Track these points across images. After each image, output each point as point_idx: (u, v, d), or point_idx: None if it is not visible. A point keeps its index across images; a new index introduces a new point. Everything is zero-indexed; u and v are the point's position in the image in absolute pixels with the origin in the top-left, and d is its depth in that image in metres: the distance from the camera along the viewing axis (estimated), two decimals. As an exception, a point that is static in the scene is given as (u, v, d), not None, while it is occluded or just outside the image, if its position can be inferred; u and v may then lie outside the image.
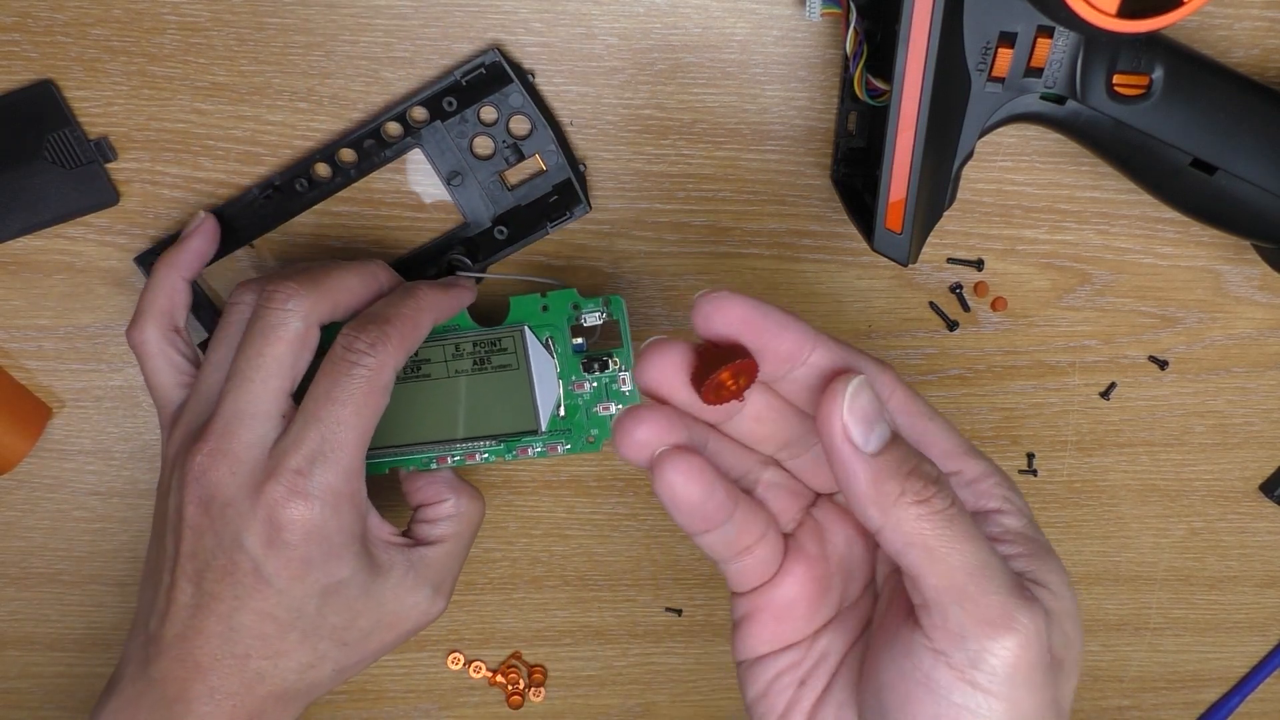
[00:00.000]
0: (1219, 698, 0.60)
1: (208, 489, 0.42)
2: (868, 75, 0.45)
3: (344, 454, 0.42)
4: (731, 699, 0.59)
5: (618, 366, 0.47)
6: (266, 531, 0.42)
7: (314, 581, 0.42)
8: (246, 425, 0.42)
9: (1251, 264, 0.52)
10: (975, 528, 0.33)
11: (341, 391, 0.42)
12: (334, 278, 0.44)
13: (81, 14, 0.46)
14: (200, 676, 0.42)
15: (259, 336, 0.43)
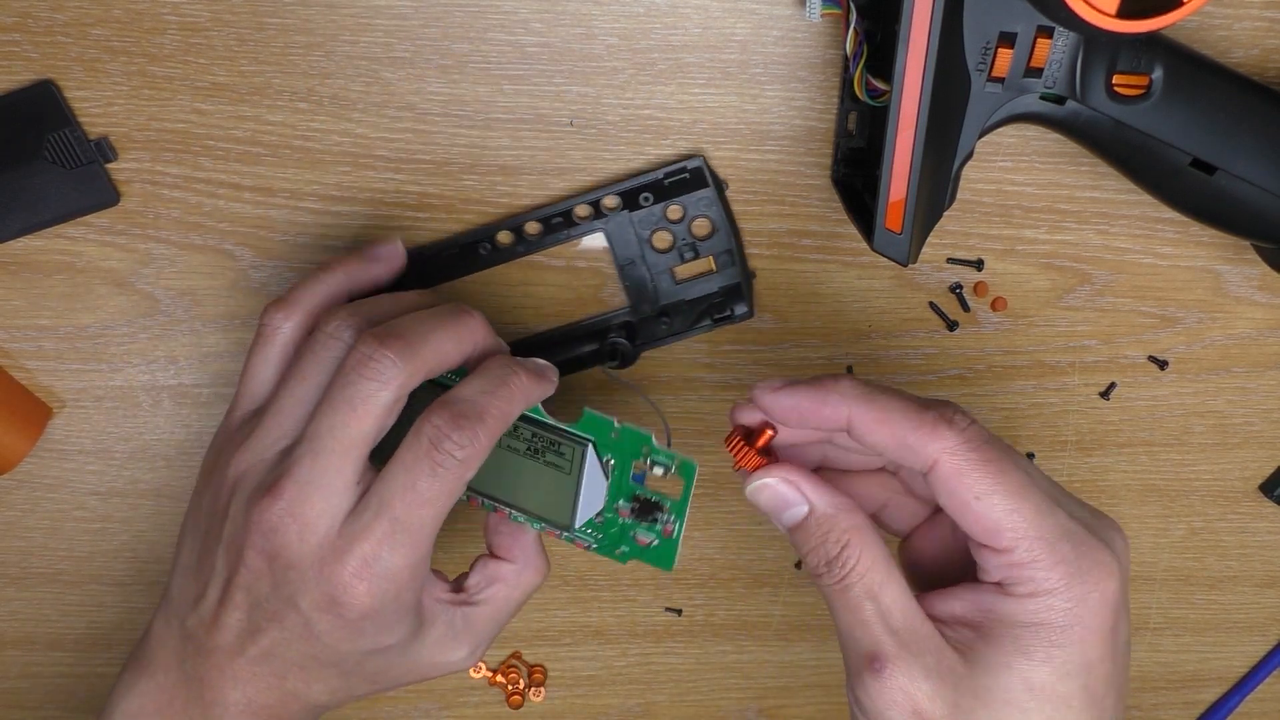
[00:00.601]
0: (1219, 698, 0.60)
1: (275, 546, 0.41)
2: (868, 75, 0.45)
3: (416, 543, 0.41)
4: (731, 699, 0.59)
5: (667, 518, 0.45)
6: (325, 602, 0.41)
7: (359, 645, 0.42)
8: (322, 494, 0.41)
9: (1251, 264, 0.52)
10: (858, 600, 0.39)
11: (425, 488, 0.40)
12: (431, 344, 0.42)
13: (82, 14, 0.46)
14: (237, 686, 0.42)
15: (346, 404, 0.41)
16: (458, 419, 0.41)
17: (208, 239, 0.50)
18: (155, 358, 0.52)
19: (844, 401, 0.39)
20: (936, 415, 0.38)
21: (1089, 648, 0.38)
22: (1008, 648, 0.38)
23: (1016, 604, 0.38)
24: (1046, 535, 0.38)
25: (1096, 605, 0.38)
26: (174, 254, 0.50)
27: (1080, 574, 0.38)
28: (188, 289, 0.51)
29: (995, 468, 0.38)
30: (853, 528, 0.39)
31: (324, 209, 0.49)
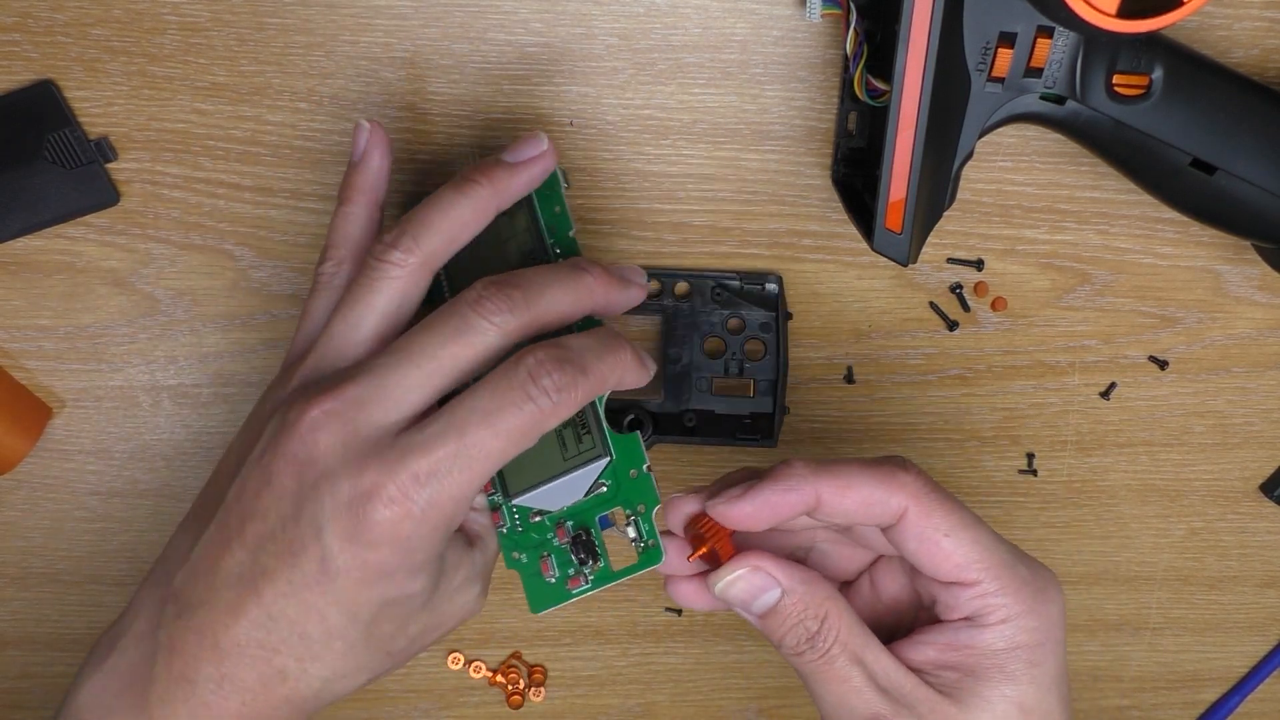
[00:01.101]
0: (1218, 698, 0.60)
1: (309, 450, 0.37)
2: (868, 75, 0.45)
3: (468, 479, 0.38)
4: (731, 699, 0.59)
5: (587, 574, 0.43)
6: (351, 524, 0.37)
7: (380, 592, 0.38)
8: (382, 405, 0.38)
9: (1251, 264, 0.52)
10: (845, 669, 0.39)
11: (504, 421, 0.37)
12: (547, 298, 0.40)
13: (82, 14, 0.46)
14: (215, 659, 0.38)
15: (452, 332, 0.38)
16: (563, 363, 0.38)
17: (208, 239, 0.50)
18: (155, 358, 0.52)
19: (805, 484, 0.39)
20: (890, 466, 0.39)
21: (1058, 659, 0.40)
22: (995, 677, 0.39)
23: (993, 632, 0.39)
24: (1006, 562, 0.40)
25: (1056, 617, 0.40)
26: (174, 254, 0.50)
27: (1039, 591, 0.40)
28: (188, 289, 0.51)
29: (952, 505, 0.40)
30: (827, 598, 0.40)
31: (324, 209, 0.49)
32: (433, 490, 0.37)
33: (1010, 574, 0.39)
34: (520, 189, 0.42)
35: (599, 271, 0.41)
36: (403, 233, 0.40)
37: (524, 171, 0.42)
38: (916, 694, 0.39)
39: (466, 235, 0.41)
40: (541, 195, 0.44)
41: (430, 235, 0.40)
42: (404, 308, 0.41)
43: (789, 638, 0.40)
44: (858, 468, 0.40)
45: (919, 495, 0.39)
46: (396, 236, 0.40)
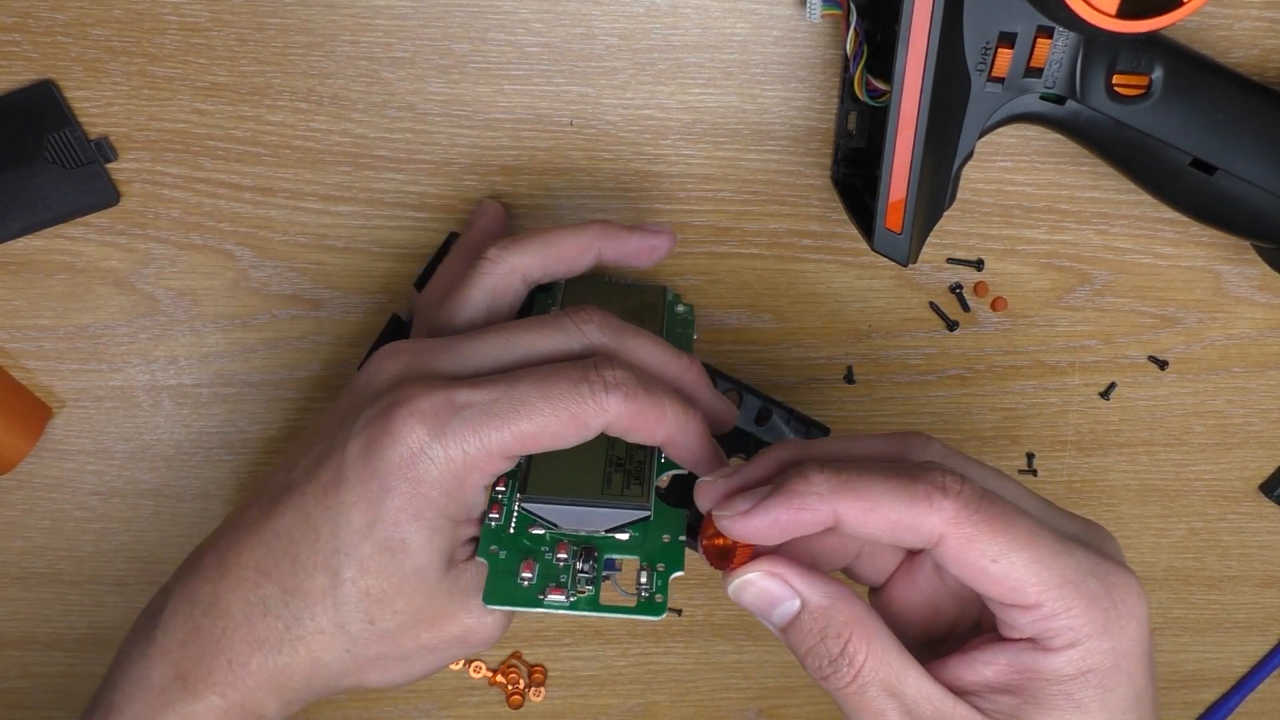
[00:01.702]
0: (1219, 698, 0.60)
1: (371, 376, 0.39)
2: (868, 76, 0.45)
3: (503, 429, 0.37)
4: (731, 699, 0.59)
5: (571, 592, 0.40)
6: (375, 432, 0.37)
7: (376, 519, 0.37)
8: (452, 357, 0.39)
9: (1251, 264, 0.52)
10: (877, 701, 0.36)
11: (555, 389, 0.37)
12: (644, 346, 0.41)
13: (82, 14, 0.46)
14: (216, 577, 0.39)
15: (541, 324, 0.40)
16: (633, 372, 0.38)
17: (208, 239, 0.50)
18: (155, 358, 0.52)
19: (824, 501, 0.35)
20: (927, 486, 0.35)
21: (1136, 680, 0.36)
22: (1060, 705, 0.35)
23: (1058, 657, 0.35)
24: (1071, 577, 0.35)
25: (1135, 633, 0.36)
26: (174, 254, 0.50)
27: (1113, 607, 0.35)
28: (188, 289, 0.51)
29: (1001, 524, 0.35)
30: (852, 618, 0.36)
31: (324, 209, 0.49)
32: (463, 422, 0.37)
33: (1077, 591, 0.35)
34: (629, 250, 0.44)
35: (697, 364, 0.42)
36: (508, 238, 0.43)
37: (637, 236, 0.45)
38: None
39: (566, 260, 0.44)
40: (672, 334, 0.47)
41: (528, 245, 0.43)
42: (496, 301, 0.43)
43: (810, 659, 0.36)
44: (886, 485, 0.35)
45: (959, 520, 0.34)
46: (502, 239, 0.43)
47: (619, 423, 0.38)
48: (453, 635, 0.40)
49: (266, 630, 0.38)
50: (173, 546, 0.55)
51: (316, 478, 0.38)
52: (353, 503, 0.37)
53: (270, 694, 0.39)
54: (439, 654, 0.41)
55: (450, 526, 0.39)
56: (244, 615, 0.38)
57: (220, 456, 0.53)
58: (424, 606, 0.39)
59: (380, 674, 0.41)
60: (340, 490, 0.38)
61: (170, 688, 0.39)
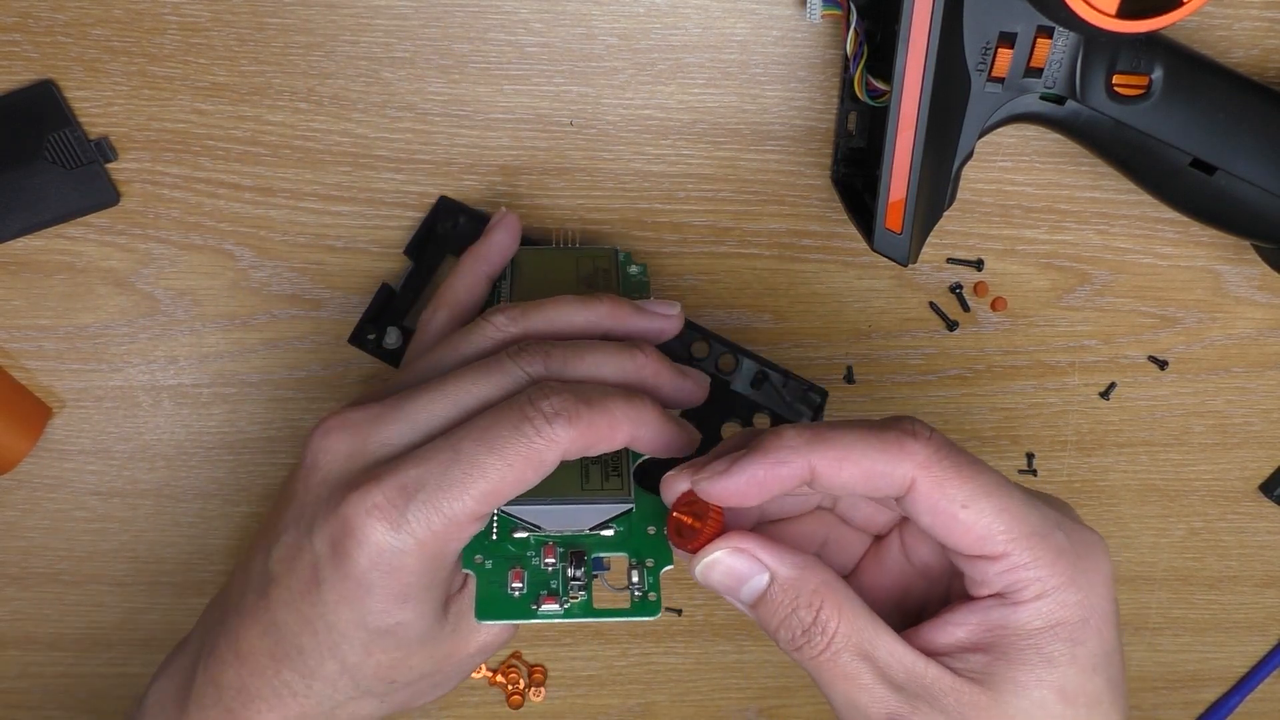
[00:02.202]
0: (1218, 697, 0.60)
1: (315, 457, 0.38)
2: (868, 76, 0.45)
3: (460, 497, 0.36)
4: (731, 699, 0.59)
5: (563, 600, 0.40)
6: (337, 534, 0.37)
7: (362, 614, 0.38)
8: (397, 425, 0.38)
9: (1251, 264, 0.52)
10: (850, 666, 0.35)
11: (499, 438, 0.37)
12: (589, 362, 0.40)
13: (82, 14, 0.46)
14: (236, 664, 0.39)
15: (484, 371, 0.39)
16: (570, 393, 0.38)
17: (208, 239, 0.50)
18: (155, 358, 0.52)
19: (799, 454, 0.35)
20: (898, 433, 0.35)
21: (1106, 637, 0.36)
22: (1030, 659, 0.35)
23: (1027, 609, 0.35)
24: (1039, 529, 0.35)
25: (1102, 589, 0.36)
26: (174, 254, 0.50)
27: (1080, 560, 0.35)
28: (188, 289, 0.51)
29: (970, 471, 0.35)
30: (822, 585, 0.36)
31: (324, 209, 0.49)
32: (420, 505, 0.36)
33: (1044, 543, 0.35)
34: (634, 331, 0.44)
35: (652, 352, 0.41)
36: (516, 308, 0.42)
37: (645, 318, 0.44)
38: (940, 683, 0.35)
39: (571, 334, 0.42)
40: (628, 293, 0.46)
41: (537, 319, 0.42)
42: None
43: (782, 631, 0.36)
44: (858, 434, 0.35)
45: (929, 464, 0.35)
46: (510, 309, 0.42)
47: (574, 447, 0.37)
48: (474, 653, 0.42)
49: (299, 708, 0.39)
50: (173, 546, 0.55)
51: (295, 573, 0.38)
52: (335, 602, 0.38)
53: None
54: (469, 666, 0.43)
55: (439, 588, 0.39)
56: (274, 697, 0.39)
57: (220, 456, 0.53)
58: (435, 651, 0.40)
59: (421, 700, 0.42)
60: (320, 590, 0.38)
61: None
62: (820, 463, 0.35)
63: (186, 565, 0.55)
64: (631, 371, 0.41)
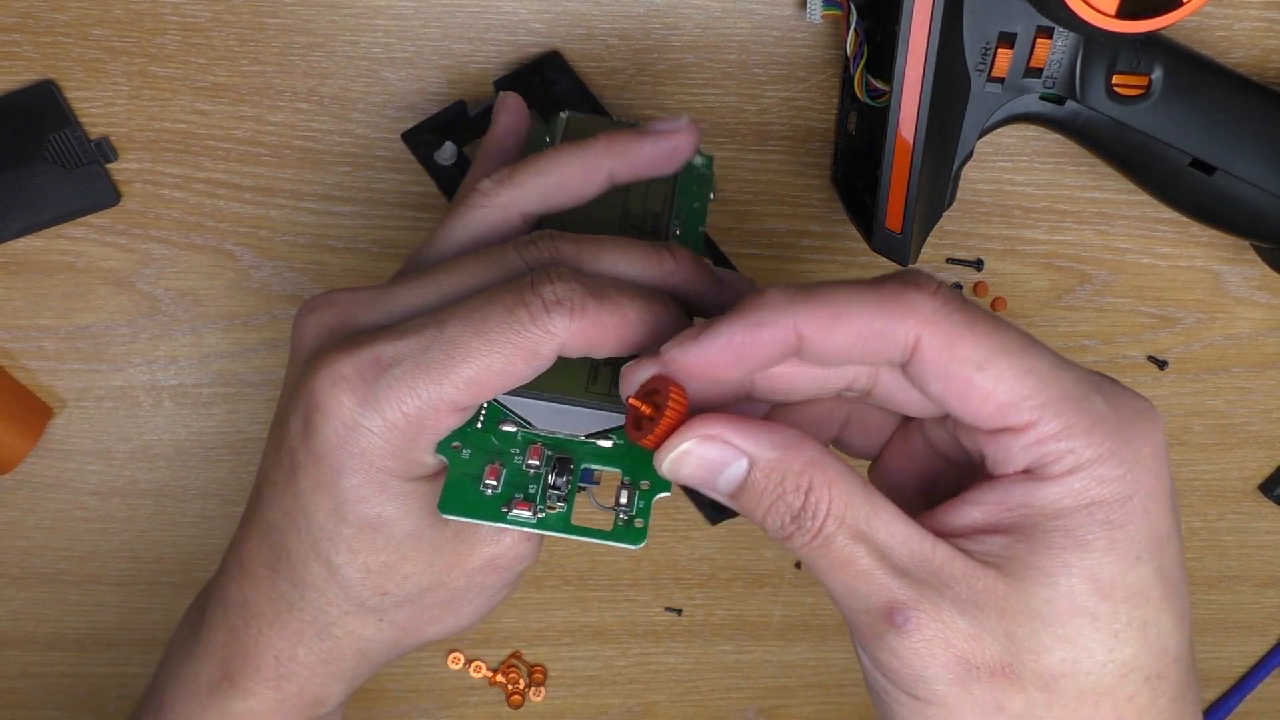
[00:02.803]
0: (1219, 697, 0.60)
1: (298, 332, 0.35)
2: (868, 76, 0.45)
3: (439, 380, 0.32)
4: (731, 699, 0.59)
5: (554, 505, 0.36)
6: (306, 409, 0.33)
7: (340, 502, 0.34)
8: (383, 305, 0.34)
9: (1251, 264, 0.52)
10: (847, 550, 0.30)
11: (489, 321, 0.32)
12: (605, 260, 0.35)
13: (82, 14, 0.46)
14: (239, 578, 0.37)
15: (485, 261, 0.35)
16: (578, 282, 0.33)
17: (208, 239, 0.50)
18: (155, 358, 0.52)
19: (783, 314, 0.30)
20: (898, 284, 0.30)
21: (1155, 520, 0.30)
22: (1059, 543, 0.29)
23: (1057, 486, 0.29)
24: (1072, 392, 0.29)
25: (1151, 464, 0.30)
26: (174, 254, 0.50)
27: (1124, 429, 0.30)
28: (188, 289, 0.51)
29: (986, 326, 0.30)
30: (810, 463, 0.30)
31: (324, 209, 0.49)
32: (393, 381, 0.32)
33: (1078, 408, 0.29)
34: (644, 161, 0.38)
35: (684, 255, 0.36)
36: (505, 169, 0.38)
37: (650, 141, 0.38)
38: (950, 567, 0.30)
39: (570, 189, 0.38)
40: (685, 191, 0.41)
41: (527, 177, 0.37)
42: (483, 239, 0.37)
43: (770, 520, 0.31)
44: (852, 291, 0.30)
45: (936, 319, 0.29)
46: (498, 172, 0.38)
47: (574, 343, 0.33)
48: (480, 568, 0.37)
49: (298, 624, 0.37)
50: (173, 546, 0.55)
51: (279, 463, 0.35)
52: (310, 489, 0.34)
53: (327, 679, 0.38)
54: (482, 590, 0.38)
55: (423, 484, 0.35)
56: (273, 613, 0.37)
57: (220, 456, 0.53)
58: (434, 559, 0.36)
59: (434, 628, 0.38)
60: (297, 477, 0.34)
61: (219, 687, 0.38)
62: (807, 325, 0.30)
63: (186, 565, 0.55)
64: (657, 275, 0.35)
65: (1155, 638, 0.30)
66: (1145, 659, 0.30)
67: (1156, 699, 0.30)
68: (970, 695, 0.30)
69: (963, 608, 0.29)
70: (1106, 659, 0.30)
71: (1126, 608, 0.30)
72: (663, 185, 0.41)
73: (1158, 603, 0.30)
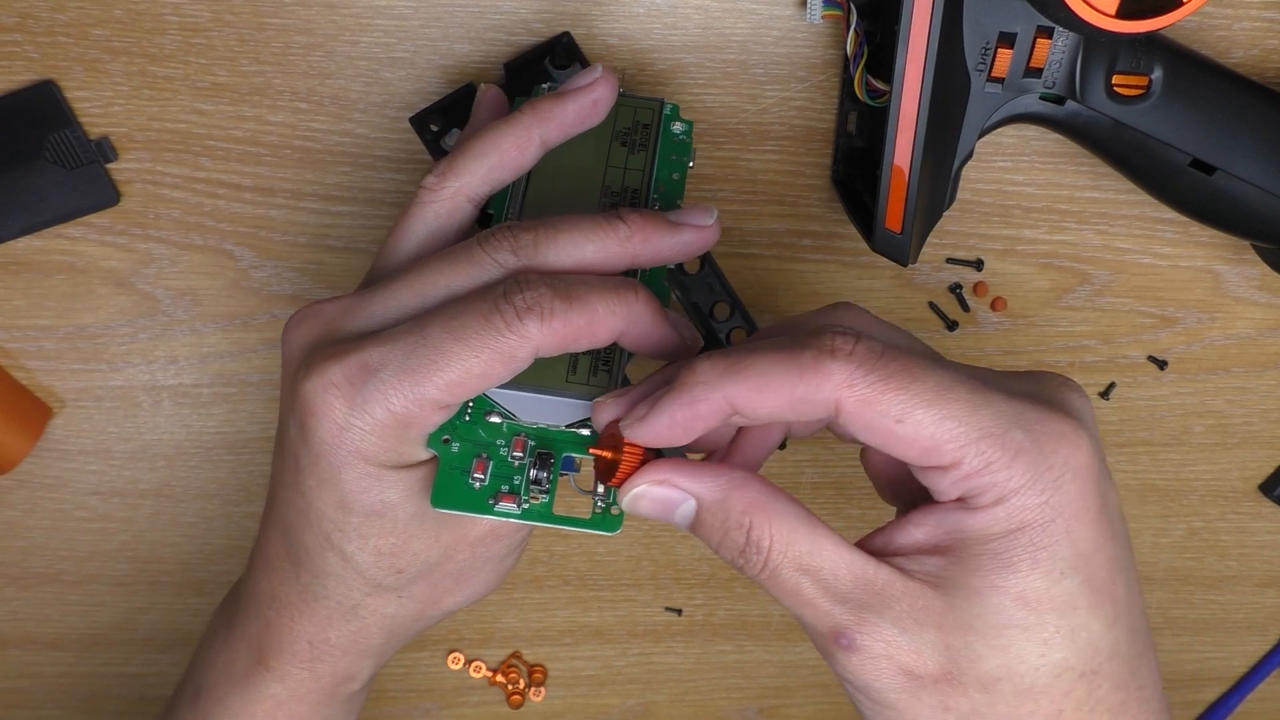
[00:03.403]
0: (1218, 697, 0.60)
1: (288, 346, 0.38)
2: (868, 76, 0.45)
3: (422, 381, 0.35)
4: (731, 699, 0.59)
5: (535, 497, 0.38)
6: (302, 414, 0.36)
7: (343, 495, 0.37)
8: (363, 313, 0.37)
9: (1251, 264, 0.52)
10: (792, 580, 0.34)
11: (466, 327, 0.35)
12: (562, 242, 0.37)
13: (82, 14, 0.46)
14: (266, 573, 0.40)
15: (452, 261, 0.36)
16: (546, 285, 0.35)
17: (208, 239, 0.50)
18: (155, 358, 0.52)
19: (713, 389, 0.33)
20: (814, 351, 0.32)
21: (1079, 537, 0.33)
22: (988, 565, 0.32)
23: (985, 515, 0.32)
24: (991, 429, 0.32)
25: (1073, 487, 0.33)
26: (174, 254, 0.50)
27: (1043, 458, 0.32)
28: (188, 289, 0.51)
29: (902, 380, 0.32)
30: (750, 505, 0.34)
31: (324, 209, 0.49)
32: (379, 385, 0.35)
33: (998, 445, 0.32)
34: (570, 119, 0.40)
35: (636, 217, 0.38)
36: (444, 162, 0.40)
37: (572, 100, 0.40)
38: (891, 588, 0.33)
39: (508, 164, 0.39)
40: (664, 161, 0.42)
41: (467, 163, 0.39)
42: (439, 234, 0.39)
43: (722, 552, 0.34)
44: (774, 360, 0.33)
45: (852, 382, 0.32)
46: (438, 165, 0.40)
47: (547, 344, 0.35)
48: (482, 537, 0.40)
49: (325, 610, 0.40)
50: (173, 546, 0.55)
51: (284, 466, 0.38)
52: (315, 486, 0.37)
53: (358, 657, 0.41)
54: (487, 560, 0.40)
55: (420, 469, 0.38)
56: (301, 602, 0.40)
57: (220, 456, 0.53)
58: (439, 535, 0.39)
59: (451, 598, 0.41)
60: (302, 476, 0.37)
61: (254, 671, 0.41)
62: (737, 396, 0.33)
63: (186, 565, 0.55)
64: (615, 244, 0.37)
65: (1085, 641, 0.33)
66: (1076, 659, 0.33)
67: (1094, 690, 0.34)
68: (918, 700, 0.34)
69: (903, 625, 0.33)
70: (1039, 663, 0.33)
71: (1054, 617, 0.33)
72: (641, 160, 0.42)
73: (1086, 610, 0.33)
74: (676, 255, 0.39)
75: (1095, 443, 0.34)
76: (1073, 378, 0.37)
